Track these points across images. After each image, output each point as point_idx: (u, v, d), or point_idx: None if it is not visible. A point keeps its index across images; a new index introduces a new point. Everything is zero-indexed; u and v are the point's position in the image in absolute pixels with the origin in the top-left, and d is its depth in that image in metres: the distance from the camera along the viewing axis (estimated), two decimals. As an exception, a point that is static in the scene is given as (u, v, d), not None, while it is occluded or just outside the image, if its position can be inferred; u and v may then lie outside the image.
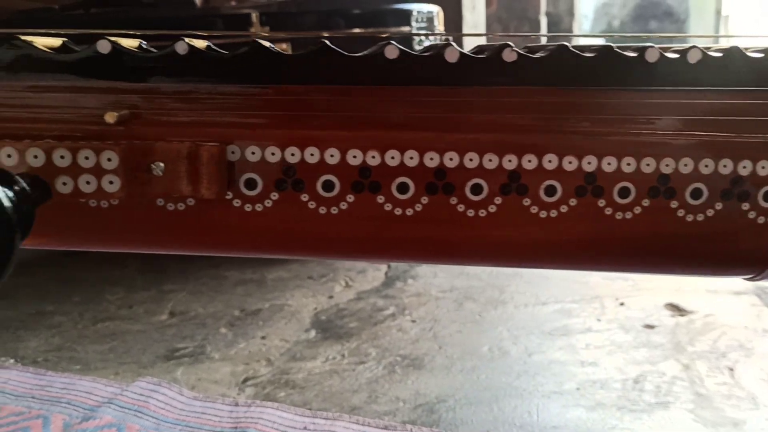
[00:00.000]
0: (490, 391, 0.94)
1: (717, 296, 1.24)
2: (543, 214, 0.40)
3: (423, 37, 1.52)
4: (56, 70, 0.37)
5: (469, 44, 0.48)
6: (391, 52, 0.38)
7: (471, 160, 0.39)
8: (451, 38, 0.43)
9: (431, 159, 0.40)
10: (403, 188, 0.40)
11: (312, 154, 0.39)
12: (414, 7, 1.57)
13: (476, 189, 0.40)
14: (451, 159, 0.40)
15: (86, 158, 0.37)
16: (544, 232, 0.40)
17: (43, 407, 0.93)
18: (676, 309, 1.19)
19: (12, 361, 1.08)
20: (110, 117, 0.37)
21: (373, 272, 1.42)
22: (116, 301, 1.32)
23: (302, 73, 0.39)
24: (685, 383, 0.95)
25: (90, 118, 0.38)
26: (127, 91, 0.38)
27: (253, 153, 0.39)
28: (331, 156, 0.39)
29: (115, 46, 0.37)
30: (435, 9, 1.64)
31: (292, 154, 0.39)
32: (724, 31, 4.90)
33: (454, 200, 0.40)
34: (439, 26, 1.66)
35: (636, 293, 1.26)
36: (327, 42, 0.38)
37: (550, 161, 0.39)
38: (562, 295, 1.27)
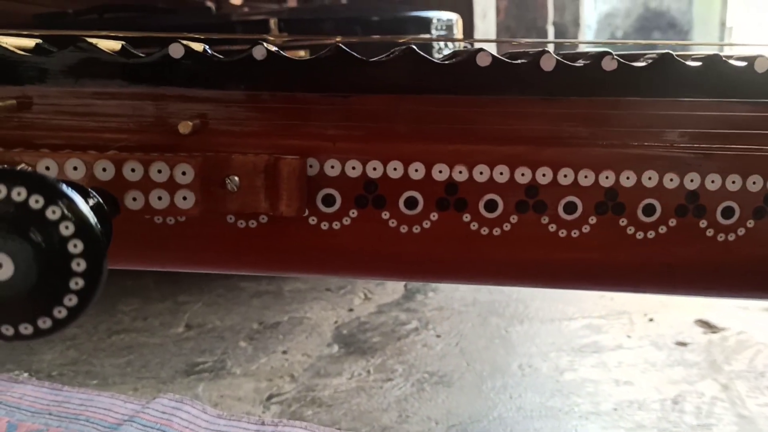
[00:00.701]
0: (524, 411, 0.91)
1: (748, 313, 1.21)
2: (640, 235, 0.37)
3: (443, 45, 1.50)
4: (124, 75, 0.35)
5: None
6: (484, 59, 0.35)
7: (565, 176, 0.37)
8: (467, 45, 0.40)
9: (522, 175, 0.37)
10: (491, 206, 0.37)
11: (395, 169, 0.36)
12: (434, 14, 1.54)
13: (570, 208, 0.37)
14: (544, 175, 0.37)
15: (159, 171, 0.34)
16: (644, 254, 0.38)
17: (61, 424, 0.90)
18: (707, 326, 1.16)
19: (26, 375, 1.05)
20: (184, 127, 0.34)
21: (393, 284, 1.39)
22: (131, 313, 1.29)
23: (387, 82, 0.36)
24: (726, 404, 0.92)
25: (160, 127, 0.35)
26: (199, 99, 0.35)
27: (332, 167, 0.36)
28: (416, 171, 0.36)
29: (188, 50, 0.35)
30: (454, 17, 1.62)
31: (374, 169, 0.36)
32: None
33: (545, 220, 0.37)
34: (458, 34, 1.64)
35: (664, 309, 1.23)
36: (414, 47, 0.35)
37: (649, 178, 0.37)
38: (588, 310, 1.24)
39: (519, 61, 0.36)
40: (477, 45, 0.37)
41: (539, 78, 0.36)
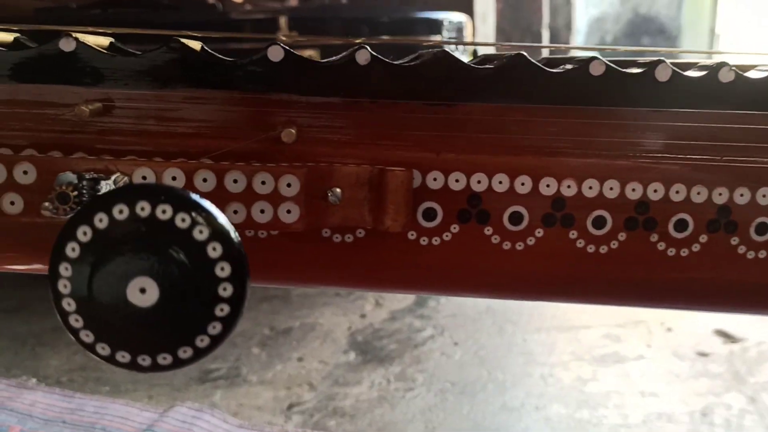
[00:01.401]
0: (552, 423, 0.90)
1: (766, 323, 1.20)
2: (751, 255, 0.36)
3: (455, 48, 1.48)
4: (218, 78, 0.32)
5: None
6: (598, 68, 0.33)
7: (678, 192, 0.35)
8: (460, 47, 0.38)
9: (633, 190, 0.35)
10: (599, 223, 0.35)
11: (501, 182, 0.34)
12: (445, 16, 1.52)
13: (681, 226, 0.35)
14: (655, 191, 0.35)
15: (263, 183, 0.31)
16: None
17: (76, 434, 0.87)
18: (726, 336, 1.15)
19: (34, 380, 1.01)
20: (288, 136, 0.32)
21: (403, 290, 1.37)
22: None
23: (495, 90, 0.34)
24: (755, 416, 0.91)
25: (256, 135, 0.33)
26: (297, 105, 0.33)
27: (434, 179, 0.34)
28: (522, 184, 0.34)
29: (288, 54, 0.32)
30: (464, 18, 1.60)
31: (479, 182, 0.34)
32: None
33: (654, 237, 0.35)
34: (468, 36, 1.62)
35: (681, 318, 1.22)
36: (524, 54, 0.33)
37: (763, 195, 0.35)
38: (604, 318, 1.23)
39: (634, 71, 0.34)
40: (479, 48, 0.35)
41: (655, 88, 0.34)
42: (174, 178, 0.31)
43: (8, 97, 0.32)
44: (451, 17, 1.54)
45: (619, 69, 0.34)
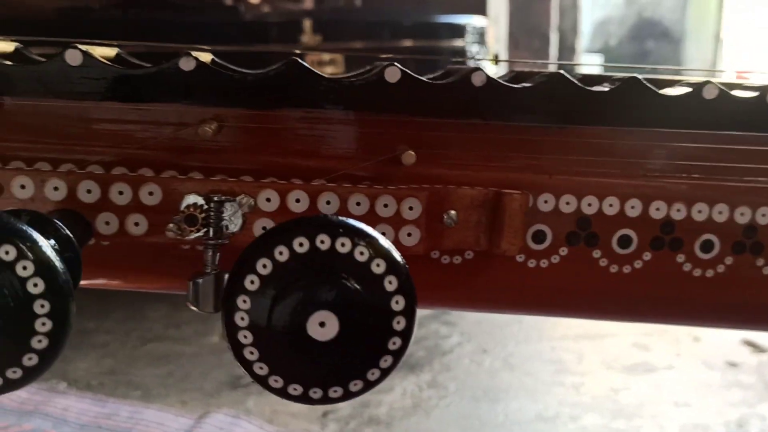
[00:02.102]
0: (589, 432, 0.90)
1: (792, 333, 1.20)
2: None
3: (477, 52, 1.48)
4: (335, 97, 0.32)
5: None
6: (711, 91, 0.33)
7: (787, 216, 0.35)
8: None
9: (742, 215, 0.35)
10: (707, 247, 0.35)
11: (611, 205, 0.34)
12: (468, 20, 1.52)
13: (788, 250, 0.35)
14: (764, 215, 0.35)
15: (385, 206, 0.31)
16: None
17: (113, 439, 0.86)
18: (754, 346, 1.15)
19: (65, 384, 1.01)
20: (408, 158, 0.31)
21: (425, 295, 1.36)
22: (161, 320, 1.25)
23: (607, 112, 0.33)
24: (791, 429, 0.91)
25: (369, 157, 0.32)
26: (411, 126, 0.33)
27: (545, 201, 0.34)
28: (632, 207, 0.34)
29: (405, 74, 0.32)
30: (485, 22, 1.60)
31: (589, 204, 0.34)
32: (721, 57, 4.95)
33: (760, 262, 0.35)
34: (489, 40, 1.62)
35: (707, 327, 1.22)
36: (638, 77, 0.33)
37: None
38: (629, 326, 1.23)
39: (746, 95, 0.34)
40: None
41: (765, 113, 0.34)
42: (298, 201, 0.30)
43: (117, 117, 0.31)
44: (473, 21, 1.54)
45: (732, 94, 0.33)
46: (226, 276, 0.25)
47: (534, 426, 0.91)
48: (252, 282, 0.23)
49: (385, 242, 0.24)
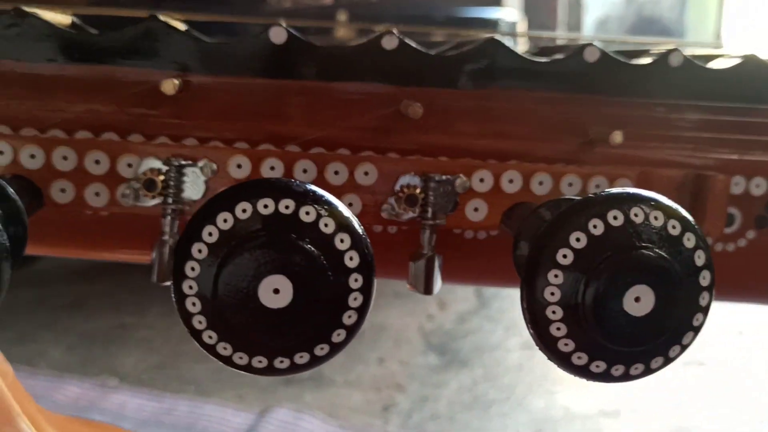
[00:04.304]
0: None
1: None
2: None
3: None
4: (529, 76, 0.31)
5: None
6: None
7: None
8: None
9: None
10: None
11: (804, 189, 0.34)
12: (500, 14, 1.51)
13: None
14: None
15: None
16: None
17: (177, 435, 0.85)
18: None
19: (116, 380, 0.99)
20: (617, 137, 0.31)
21: (463, 290, 1.36)
22: (202, 315, 1.23)
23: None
24: None
25: (566, 137, 0.32)
26: (613, 107, 0.32)
27: (736, 184, 0.33)
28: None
29: (604, 54, 0.31)
30: (517, 16, 1.59)
31: (780, 187, 0.34)
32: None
33: None
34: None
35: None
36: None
37: None
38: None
39: None
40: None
41: None
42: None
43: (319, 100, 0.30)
44: (505, 15, 1.54)
45: None
46: None
47: (596, 421, 0.90)
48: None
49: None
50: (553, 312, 0.22)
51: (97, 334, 1.14)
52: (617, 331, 0.22)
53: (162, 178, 0.27)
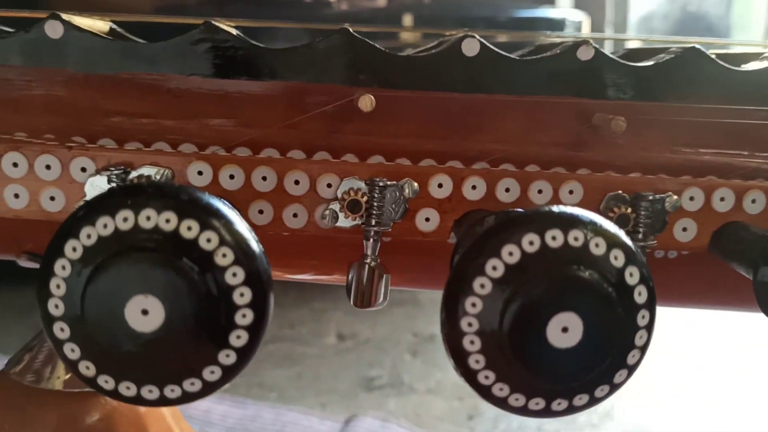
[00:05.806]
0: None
1: None
2: None
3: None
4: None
5: None
6: None
7: None
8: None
9: None
10: None
11: None
12: (564, 14, 1.49)
13: None
14: None
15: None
16: None
17: (266, 443, 0.85)
18: None
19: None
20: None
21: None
22: (274, 319, 1.23)
23: None
24: None
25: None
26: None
27: None
28: None
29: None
30: (582, 16, 1.57)
31: None
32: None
33: None
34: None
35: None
36: None
37: None
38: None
39: None
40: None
41: None
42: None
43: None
44: (570, 15, 1.52)
45: None
46: None
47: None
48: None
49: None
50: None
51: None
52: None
53: (365, 198, 0.27)
